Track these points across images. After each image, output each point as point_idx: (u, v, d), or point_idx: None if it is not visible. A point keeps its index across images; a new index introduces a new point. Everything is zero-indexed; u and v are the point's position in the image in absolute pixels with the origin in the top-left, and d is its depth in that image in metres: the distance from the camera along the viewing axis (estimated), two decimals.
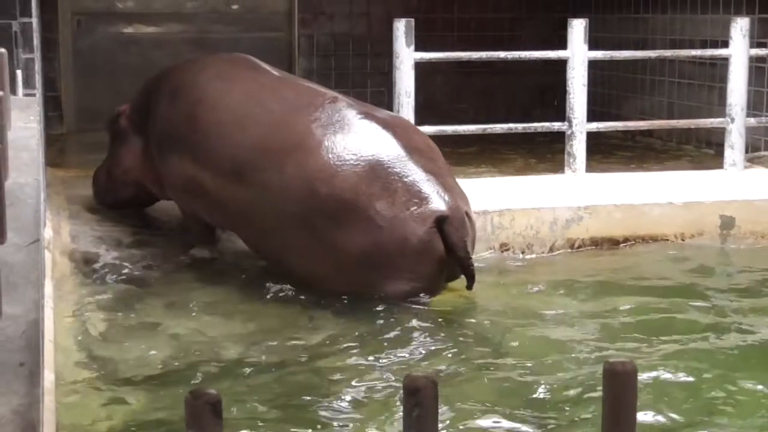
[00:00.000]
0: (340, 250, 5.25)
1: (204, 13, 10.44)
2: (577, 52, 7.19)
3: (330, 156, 5.32)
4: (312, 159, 5.34)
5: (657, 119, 9.41)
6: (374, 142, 5.39)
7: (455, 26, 10.93)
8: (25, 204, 3.89)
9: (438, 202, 5.25)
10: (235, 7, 10.74)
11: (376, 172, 5.26)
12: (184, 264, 6.13)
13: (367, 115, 5.56)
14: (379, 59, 10.69)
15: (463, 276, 5.40)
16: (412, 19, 6.90)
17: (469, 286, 5.38)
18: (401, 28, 6.85)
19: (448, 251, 5.22)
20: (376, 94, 10.84)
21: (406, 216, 5.18)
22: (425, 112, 7.36)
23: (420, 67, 6.97)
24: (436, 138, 7.28)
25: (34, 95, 5.58)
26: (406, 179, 5.26)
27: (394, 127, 5.55)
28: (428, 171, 5.34)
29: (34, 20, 5.88)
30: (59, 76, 10.02)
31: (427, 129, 6.99)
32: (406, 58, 6.84)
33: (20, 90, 5.41)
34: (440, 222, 5.20)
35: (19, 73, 5.42)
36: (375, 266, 5.24)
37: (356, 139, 5.39)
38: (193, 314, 5.29)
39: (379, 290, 5.26)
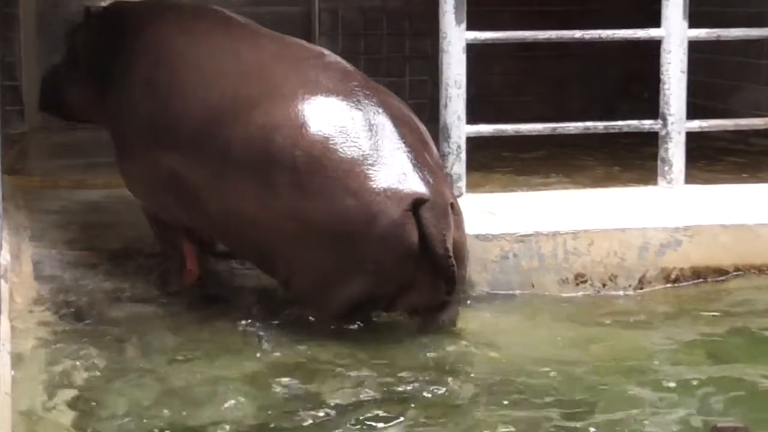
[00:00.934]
0: (299, 219, 5.43)
1: None
2: (674, 30, 7.15)
3: (302, 107, 5.56)
4: (281, 108, 5.58)
5: None
6: (355, 103, 5.58)
7: None
8: None
9: (419, 183, 5.36)
10: None
11: (352, 134, 5.46)
12: (165, 295, 6.20)
13: (353, 76, 5.84)
14: (420, 40, 10.72)
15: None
16: None
17: (448, 297, 5.47)
18: (449, 1, 6.85)
19: (422, 245, 5.29)
20: (416, 83, 10.85)
21: (379, 190, 5.32)
22: (479, 106, 7.35)
23: (472, 51, 6.95)
24: (494, 139, 7.30)
25: None
26: (385, 150, 5.43)
27: (384, 95, 5.79)
28: (413, 147, 5.50)
29: None
30: (20, 61, 10.09)
31: (482, 128, 6.97)
32: (455, 38, 6.82)
33: None
34: (418, 206, 5.29)
35: None
36: (334, 247, 5.40)
37: (336, 97, 5.62)
38: (178, 357, 5.34)
39: (335, 285, 5.43)
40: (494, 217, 6.69)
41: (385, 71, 10.85)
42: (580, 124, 7.53)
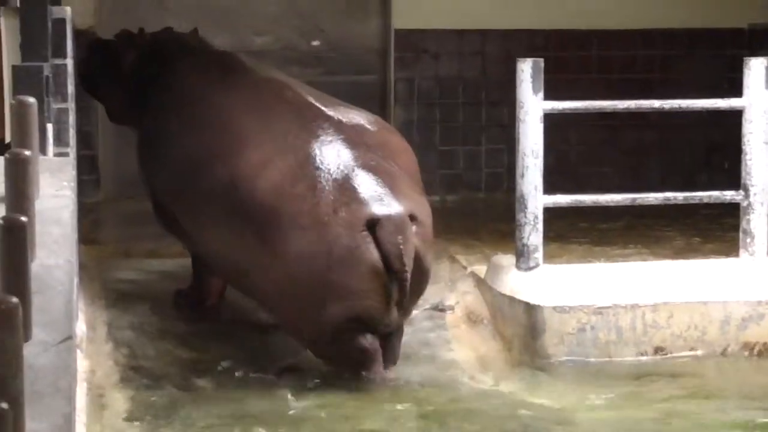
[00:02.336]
0: (265, 263, 5.89)
1: (277, 50, 10.63)
2: (756, 100, 7.11)
3: (256, 154, 6.07)
4: (240, 159, 6.12)
5: None
6: (309, 138, 6.01)
7: (593, 66, 10.95)
8: (54, 292, 3.98)
9: (371, 203, 5.76)
10: (315, 43, 10.93)
11: (304, 169, 5.89)
12: (249, 367, 6.22)
13: (319, 113, 6.20)
14: (497, 109, 10.75)
15: None
16: (541, 59, 6.92)
17: (401, 312, 5.89)
18: (527, 70, 6.87)
19: (384, 261, 5.70)
20: (492, 152, 10.88)
21: (330, 220, 5.74)
22: (557, 176, 7.37)
23: (550, 120, 6.97)
24: (571, 209, 7.30)
25: (67, 154, 5.73)
26: (337, 177, 5.83)
27: (345, 123, 6.15)
28: (369, 168, 5.89)
29: (69, 62, 6.07)
30: (96, 130, 10.26)
31: (560, 199, 6.98)
32: (532, 107, 6.85)
33: (51, 148, 5.56)
34: (373, 226, 5.70)
35: (49, 127, 5.57)
36: (304, 282, 5.81)
37: (292, 135, 6.07)
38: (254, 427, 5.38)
39: (316, 314, 5.81)
40: (571, 288, 6.68)
41: (462, 140, 10.90)
42: (660, 195, 7.51)
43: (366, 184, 5.83)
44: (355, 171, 5.87)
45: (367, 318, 5.86)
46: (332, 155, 5.93)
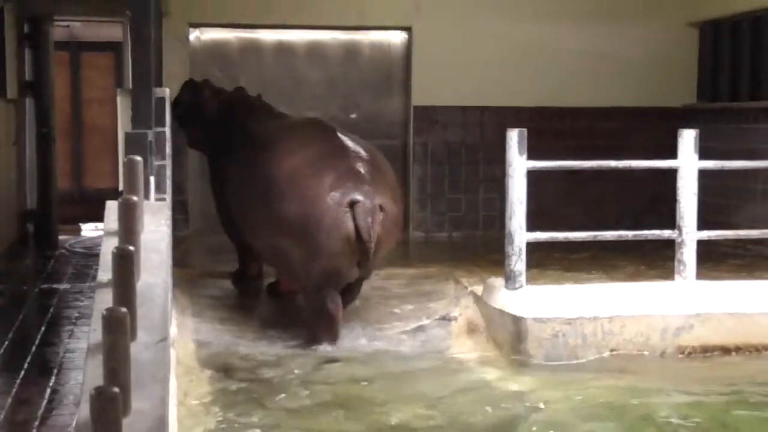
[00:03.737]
0: (280, 217, 6.54)
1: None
2: (688, 162, 7.11)
3: (286, 150, 6.83)
4: (274, 155, 6.84)
5: None
6: (322, 144, 6.77)
7: (567, 135, 10.95)
8: (154, 304, 4.00)
9: (354, 191, 6.40)
10: (353, 116, 10.98)
11: (315, 161, 6.60)
12: (305, 363, 6.21)
13: (330, 133, 6.94)
14: (491, 167, 10.76)
15: None
16: (525, 129, 6.93)
17: (362, 271, 6.48)
18: (514, 137, 6.87)
19: (356, 234, 6.31)
20: (487, 200, 10.89)
21: (325, 197, 6.41)
22: (536, 218, 7.35)
23: (531, 175, 6.98)
24: (548, 244, 7.28)
25: (164, 199, 5.76)
26: (337, 170, 6.51)
27: (350, 143, 6.81)
28: (359, 169, 6.54)
29: (167, 130, 6.12)
30: (186, 180, 10.32)
31: (539, 235, 6.97)
32: (519, 166, 6.86)
33: (152, 194, 5.59)
34: (353, 206, 6.34)
35: (152, 179, 5.61)
36: (302, 234, 6.44)
37: (311, 143, 6.84)
38: (318, 417, 5.33)
39: (305, 262, 6.47)
40: (548, 304, 6.67)
41: (464, 190, 10.92)
42: (615, 233, 7.49)
43: (354, 179, 6.48)
44: (348, 169, 6.53)
45: (338, 273, 6.51)
46: (337, 157, 6.63)
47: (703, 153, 7.33)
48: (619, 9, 11.03)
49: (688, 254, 7.10)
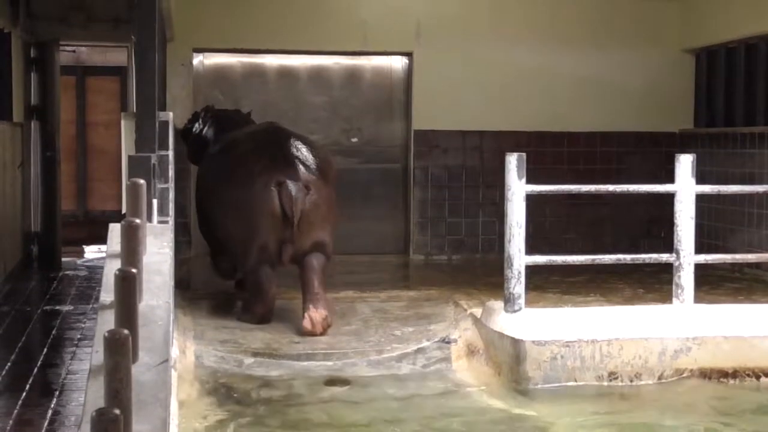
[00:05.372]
0: (223, 202, 7.57)
1: (326, 145, 10.64)
2: (685, 186, 7.10)
3: (232, 146, 7.90)
4: (225, 150, 7.96)
5: (764, 252, 9.18)
6: (262, 139, 7.74)
7: (565, 159, 10.95)
8: (155, 325, 3.98)
9: (281, 174, 7.24)
10: (354, 140, 10.99)
11: (251, 152, 7.56)
12: (306, 385, 6.18)
13: (275, 131, 7.89)
14: (491, 190, 10.75)
15: None
16: (524, 154, 6.93)
17: (296, 246, 7.21)
18: (513, 161, 6.87)
19: (283, 212, 7.15)
20: (487, 223, 10.87)
21: (257, 178, 7.28)
22: (535, 241, 7.34)
23: (530, 198, 6.97)
24: (546, 267, 7.26)
25: (167, 222, 5.74)
26: (267, 157, 7.40)
27: (294, 140, 7.65)
28: (289, 156, 7.39)
29: (170, 153, 6.11)
30: (189, 203, 10.31)
31: (538, 259, 6.95)
32: (517, 190, 6.85)
33: (155, 217, 5.58)
34: (279, 185, 7.18)
35: (155, 201, 5.60)
36: (237, 214, 7.36)
37: (254, 139, 7.85)
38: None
39: (242, 242, 7.33)
40: (546, 327, 6.65)
41: (464, 214, 10.90)
42: (613, 257, 7.47)
43: (282, 164, 7.31)
44: (278, 156, 7.38)
45: (269, 249, 7.24)
46: (270, 148, 7.50)
47: (699, 177, 7.32)
48: (617, 35, 11.05)
49: (686, 278, 7.07)
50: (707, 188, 7.53)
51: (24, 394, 5.42)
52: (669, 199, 7.32)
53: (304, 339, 6.97)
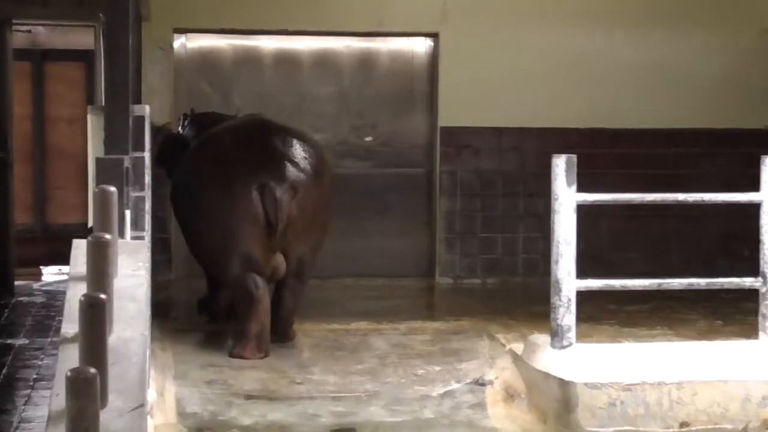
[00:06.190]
0: (199, 209, 7.82)
1: (333, 145, 10.67)
2: None
3: (207, 145, 8.21)
4: (199, 149, 8.28)
5: None
6: (240, 135, 7.98)
7: (623, 162, 10.93)
8: (129, 363, 3.99)
9: (264, 175, 7.48)
10: (368, 139, 10.99)
11: (229, 151, 7.80)
12: None
13: (255, 124, 8.19)
14: (533, 200, 10.73)
15: None
16: (574, 155, 6.89)
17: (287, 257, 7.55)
18: (561, 165, 6.82)
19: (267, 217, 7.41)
20: (529, 240, 10.85)
21: (237, 181, 7.53)
22: (587, 262, 7.30)
23: (581, 210, 6.94)
24: (601, 292, 7.21)
25: (143, 238, 5.75)
26: (248, 156, 7.64)
27: (283, 134, 7.92)
28: (272, 154, 7.63)
29: (147, 155, 6.12)
30: (169, 215, 10.31)
31: (592, 283, 6.91)
32: (566, 200, 6.80)
33: (128, 232, 5.59)
34: (262, 189, 7.42)
35: (128, 213, 5.60)
36: (215, 221, 7.60)
37: (230, 135, 8.09)
38: None
39: (223, 251, 7.57)
40: (602, 366, 6.60)
41: (500, 228, 10.89)
42: (684, 281, 7.43)
43: (264, 163, 7.57)
44: (260, 155, 7.63)
45: (254, 259, 7.50)
46: (250, 145, 7.74)
47: None
48: (687, 14, 11.04)
49: None
50: None
51: None
52: (752, 210, 7.27)
53: (307, 379, 6.97)
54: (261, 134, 7.88)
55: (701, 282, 7.45)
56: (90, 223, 5.38)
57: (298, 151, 7.76)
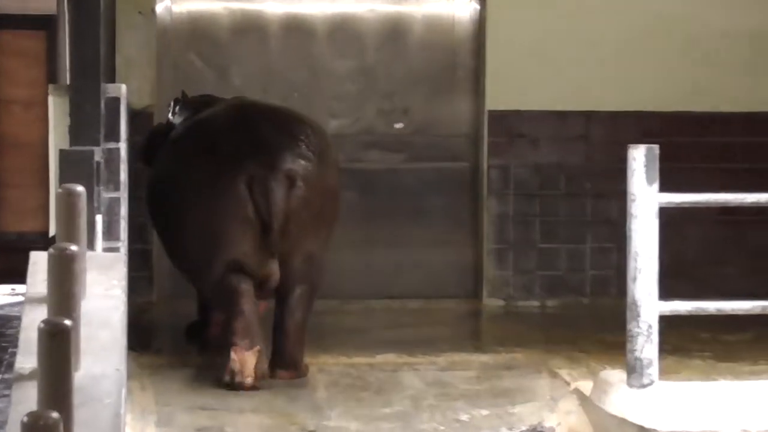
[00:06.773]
0: (177, 206, 8.03)
1: (354, 134, 10.71)
2: None
3: (186, 133, 8.39)
4: (177, 139, 8.45)
5: None
6: (224, 118, 8.21)
7: (717, 155, 10.91)
8: (100, 405, 4.00)
9: (253, 166, 7.63)
10: (398, 125, 11.00)
11: (211, 137, 8.02)
12: None
13: (241, 105, 8.50)
14: (603, 202, 10.73)
15: None
16: (656, 146, 6.88)
17: (269, 250, 7.61)
18: (639, 158, 6.80)
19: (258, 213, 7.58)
20: (599, 251, 10.84)
21: (223, 175, 7.67)
22: (672, 278, 7.31)
23: (665, 214, 6.92)
24: (691, 318, 7.18)
25: (117, 249, 5.77)
26: (232, 143, 7.81)
27: (274, 113, 8.24)
28: (261, 138, 7.80)
29: (123, 146, 6.13)
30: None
31: (679, 306, 6.89)
32: (646, 200, 6.78)
33: (100, 243, 5.61)
34: (250, 182, 7.58)
35: (99, 219, 5.61)
36: (197, 223, 7.80)
37: (215, 119, 8.29)
38: None
39: (208, 256, 7.70)
40: (692, 410, 6.59)
41: (563, 237, 10.87)
42: None
43: (256, 151, 7.69)
44: (246, 140, 7.79)
45: (244, 267, 7.63)
46: (250, 127, 7.89)
47: None
48: None
49: None
50: None
51: None
52: None
53: (322, 426, 6.98)
54: (246, 118, 8.07)
55: None
56: (52, 232, 5.39)
57: (293, 134, 7.91)
